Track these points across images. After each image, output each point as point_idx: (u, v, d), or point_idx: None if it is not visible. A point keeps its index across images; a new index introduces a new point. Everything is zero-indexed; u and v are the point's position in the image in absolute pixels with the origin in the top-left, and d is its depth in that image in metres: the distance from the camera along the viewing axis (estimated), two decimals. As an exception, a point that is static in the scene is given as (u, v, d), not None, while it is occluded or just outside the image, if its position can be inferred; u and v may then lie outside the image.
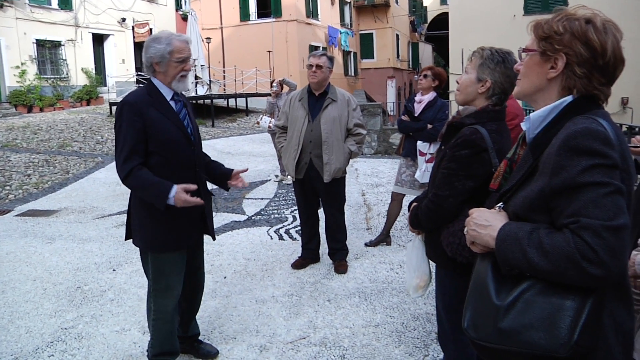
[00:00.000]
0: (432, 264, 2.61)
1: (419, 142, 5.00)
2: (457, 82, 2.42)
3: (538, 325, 1.34)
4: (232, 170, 3.23)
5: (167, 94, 2.95)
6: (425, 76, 5.08)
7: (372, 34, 35.26)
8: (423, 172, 4.83)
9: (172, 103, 2.95)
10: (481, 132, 2.24)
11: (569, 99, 1.49)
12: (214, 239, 3.36)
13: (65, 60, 20.79)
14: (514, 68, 1.64)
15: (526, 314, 1.37)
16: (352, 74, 33.75)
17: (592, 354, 1.36)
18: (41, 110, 18.51)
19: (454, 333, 2.51)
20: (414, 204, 2.58)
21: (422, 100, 5.16)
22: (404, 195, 5.44)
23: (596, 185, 1.31)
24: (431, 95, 5.14)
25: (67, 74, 20.77)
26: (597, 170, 1.31)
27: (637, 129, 6.68)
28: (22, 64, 18.89)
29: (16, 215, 7.29)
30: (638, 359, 2.30)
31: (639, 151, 3.01)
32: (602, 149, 1.33)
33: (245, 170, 3.27)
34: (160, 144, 2.87)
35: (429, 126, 4.98)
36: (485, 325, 1.45)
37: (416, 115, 5.16)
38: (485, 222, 1.51)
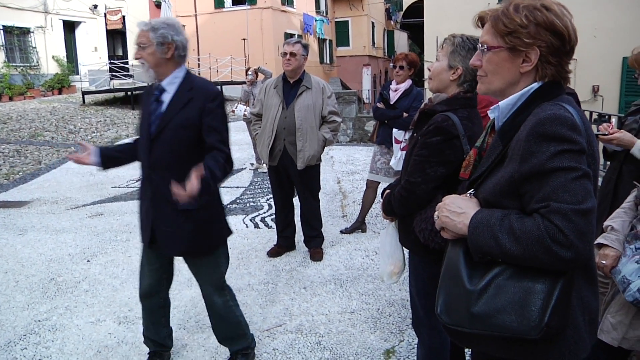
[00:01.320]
0: (406, 250, 2.65)
1: (394, 130, 5.03)
2: (429, 70, 2.43)
3: (510, 308, 1.37)
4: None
5: (155, 84, 2.84)
6: (401, 67, 5.06)
7: (347, 21, 35.15)
8: (398, 159, 4.87)
9: (157, 93, 2.80)
10: (452, 119, 2.25)
11: (535, 85, 1.50)
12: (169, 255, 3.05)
13: (35, 47, 20.33)
14: (471, 63, 1.63)
15: (498, 298, 1.39)
16: (328, 62, 33.65)
17: (561, 333, 1.40)
18: (10, 99, 18.07)
19: (428, 318, 2.54)
20: (387, 191, 2.60)
21: (398, 88, 5.17)
22: (379, 182, 5.47)
23: (565, 170, 1.33)
24: (407, 83, 5.16)
25: (37, 62, 20.32)
26: (566, 155, 1.34)
27: (606, 117, 6.81)
28: (-12, 51, 18.43)
29: (-14, 207, 7.15)
30: (604, 339, 2.37)
31: (607, 139, 3.08)
32: (569, 135, 1.35)
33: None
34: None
35: (405, 114, 5.01)
36: (458, 310, 1.47)
37: (392, 103, 5.18)
38: (459, 210, 1.52)
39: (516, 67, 1.50)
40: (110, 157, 2.98)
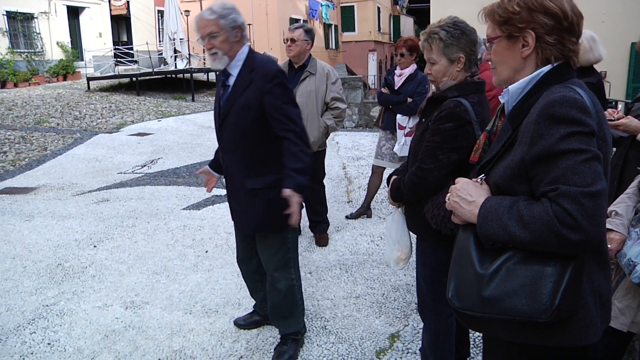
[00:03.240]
0: (413, 236, 2.65)
1: (398, 116, 5.01)
2: (428, 74, 2.40)
3: (520, 292, 1.38)
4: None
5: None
6: (402, 55, 5.02)
7: (353, 6, 34.89)
8: (402, 145, 4.85)
9: (222, 78, 2.84)
10: (464, 104, 2.25)
11: (545, 68, 1.50)
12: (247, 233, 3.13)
13: (39, 33, 20.28)
14: (484, 59, 1.65)
15: (508, 281, 1.40)
16: (333, 47, 33.46)
17: (572, 317, 1.40)
18: (15, 85, 18.06)
19: (436, 304, 2.55)
20: (394, 177, 2.58)
21: (403, 73, 5.14)
22: (384, 168, 5.47)
23: (574, 152, 1.32)
24: (412, 68, 5.12)
25: (41, 48, 20.28)
26: (575, 137, 1.33)
27: (613, 103, 6.75)
28: (-7, 37, 18.40)
29: (-7, 193, 7.18)
30: (613, 325, 2.37)
31: (614, 124, 3.05)
32: (579, 117, 1.34)
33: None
34: None
35: (409, 100, 4.98)
36: (469, 294, 1.47)
37: (396, 88, 5.15)
38: (469, 198, 1.52)
39: (517, 53, 1.53)
40: (219, 165, 3.14)
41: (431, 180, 2.29)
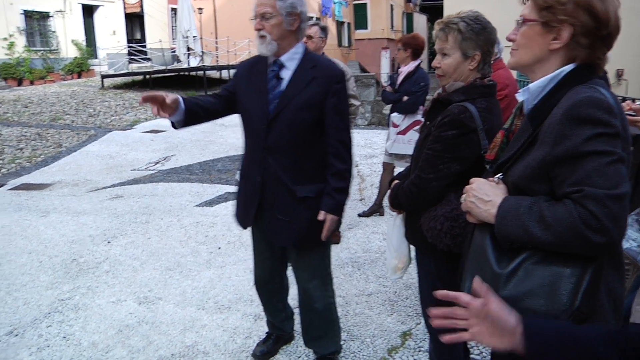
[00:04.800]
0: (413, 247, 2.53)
1: (393, 114, 5.08)
2: (436, 67, 2.19)
3: (539, 292, 1.36)
4: None
5: (271, 58, 2.57)
6: (398, 49, 5.17)
7: (366, 4, 34.82)
8: (392, 142, 4.96)
9: (275, 69, 2.55)
10: (470, 110, 2.06)
11: (567, 68, 1.46)
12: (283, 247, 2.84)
13: (55, 32, 20.47)
14: (507, 37, 1.60)
15: (527, 281, 1.38)
16: (346, 45, 33.43)
17: (588, 318, 1.38)
18: (31, 83, 18.27)
19: None
20: (395, 181, 2.44)
21: (402, 71, 5.18)
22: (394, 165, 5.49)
23: (599, 154, 1.30)
24: (411, 66, 5.11)
25: (57, 46, 20.47)
26: (601, 139, 1.31)
27: (632, 101, 6.68)
28: (10, 35, 18.59)
29: (9, 189, 7.28)
30: None
31: (633, 119, 3.02)
32: (605, 118, 1.32)
33: None
34: (241, 112, 2.69)
35: (405, 98, 4.99)
36: None
37: (396, 86, 5.18)
38: (485, 197, 1.48)
39: (546, 43, 1.47)
40: (193, 114, 2.60)
41: (429, 191, 2.13)
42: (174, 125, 2.58)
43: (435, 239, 2.08)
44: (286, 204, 2.58)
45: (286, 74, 2.52)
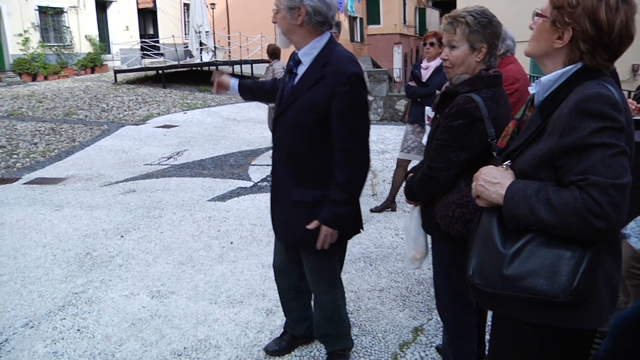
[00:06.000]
0: (429, 237, 2.59)
1: (427, 108, 4.99)
2: (444, 59, 2.28)
3: (541, 272, 1.46)
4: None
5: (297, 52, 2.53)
6: (431, 44, 5.03)
7: (378, -1, 34.68)
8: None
9: (291, 64, 2.53)
10: (476, 100, 2.14)
11: (578, 66, 1.53)
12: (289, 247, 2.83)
13: (69, 27, 20.61)
14: (529, 26, 1.64)
15: (530, 262, 1.48)
16: (359, 40, 33.30)
17: (584, 302, 1.49)
18: (45, 78, 18.43)
19: (453, 304, 2.51)
20: (410, 174, 2.52)
21: (429, 66, 5.14)
22: (409, 161, 5.45)
23: (604, 146, 1.39)
24: (438, 60, 5.09)
25: (70, 41, 20.61)
26: (606, 132, 1.39)
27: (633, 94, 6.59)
28: (24, 31, 18.74)
29: (24, 184, 7.34)
30: None
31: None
32: (611, 113, 1.40)
33: None
34: None
35: (437, 92, 4.96)
36: (490, 272, 1.54)
37: (424, 80, 5.14)
38: (494, 180, 1.57)
39: (552, 40, 1.55)
40: (246, 87, 2.89)
41: (440, 179, 2.22)
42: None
43: (448, 225, 2.17)
44: (284, 203, 2.59)
45: (301, 70, 2.46)
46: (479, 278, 1.58)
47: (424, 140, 4.98)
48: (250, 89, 2.92)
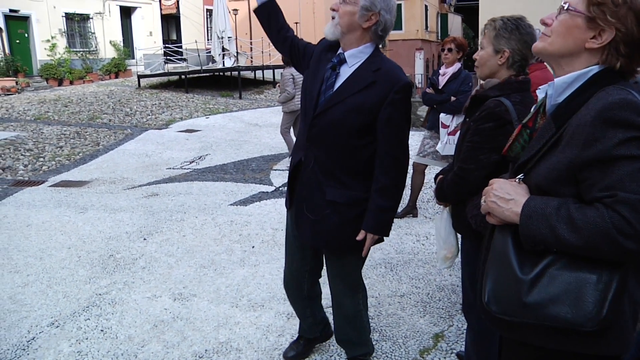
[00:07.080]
0: (459, 236, 2.64)
1: (441, 115, 5.01)
2: (475, 59, 2.41)
3: (564, 299, 1.32)
4: None
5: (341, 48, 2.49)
6: (449, 50, 5.06)
7: (400, 4, 34.56)
8: (444, 144, 4.84)
9: (334, 60, 2.48)
10: (505, 104, 2.22)
11: (595, 68, 1.40)
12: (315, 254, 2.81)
13: (94, 33, 21.02)
14: (541, 20, 1.54)
15: (551, 287, 1.34)
16: (380, 46, 33.29)
17: (611, 326, 1.35)
18: (71, 83, 18.80)
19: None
20: (440, 176, 2.59)
21: (446, 72, 5.17)
22: (426, 166, 5.47)
23: (632, 158, 1.25)
24: (455, 67, 5.12)
25: (95, 47, 21.01)
26: (634, 143, 1.25)
27: None
28: (52, 37, 19.18)
29: (50, 186, 7.48)
30: None
31: None
32: (639, 121, 1.26)
33: None
34: (302, 88, 2.65)
35: (452, 98, 4.96)
36: (508, 299, 1.40)
37: (440, 87, 5.15)
38: (507, 196, 1.43)
39: (583, 39, 1.39)
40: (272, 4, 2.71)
41: (472, 180, 2.31)
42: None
43: (479, 225, 2.20)
44: (315, 202, 2.50)
45: (345, 71, 2.44)
46: (496, 305, 1.43)
47: (439, 146, 5.00)
48: (275, 9, 2.71)
